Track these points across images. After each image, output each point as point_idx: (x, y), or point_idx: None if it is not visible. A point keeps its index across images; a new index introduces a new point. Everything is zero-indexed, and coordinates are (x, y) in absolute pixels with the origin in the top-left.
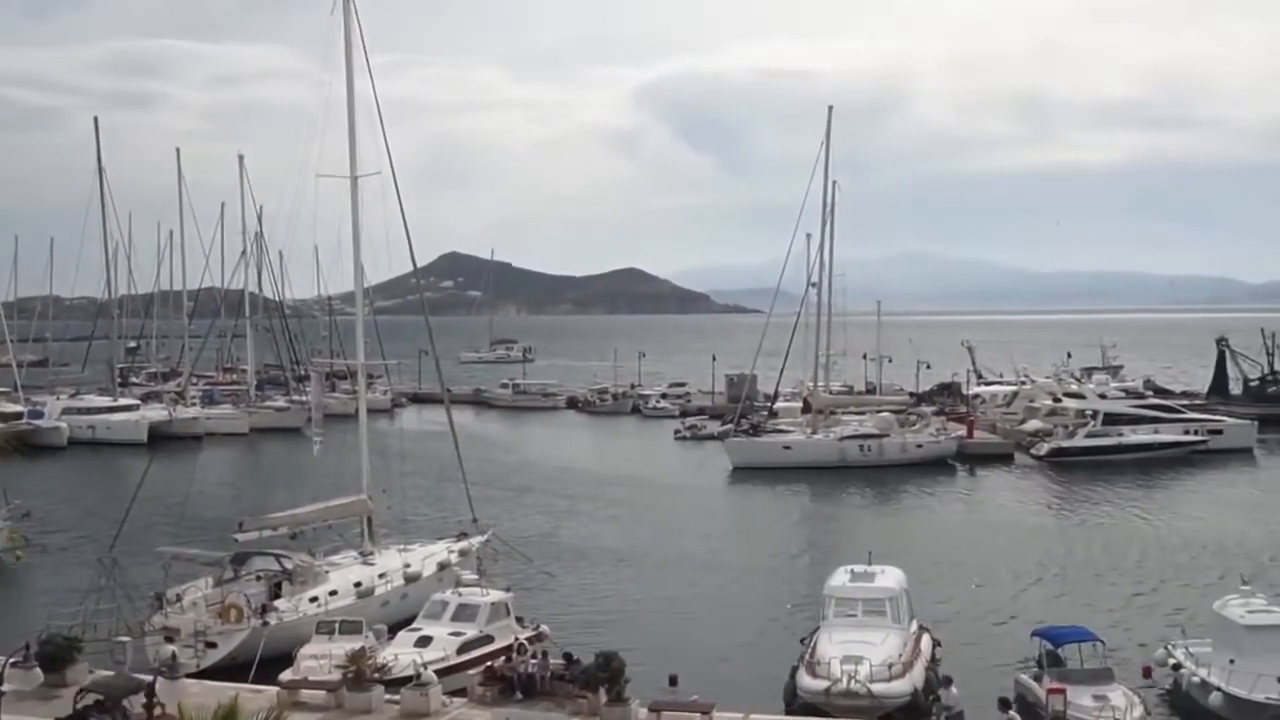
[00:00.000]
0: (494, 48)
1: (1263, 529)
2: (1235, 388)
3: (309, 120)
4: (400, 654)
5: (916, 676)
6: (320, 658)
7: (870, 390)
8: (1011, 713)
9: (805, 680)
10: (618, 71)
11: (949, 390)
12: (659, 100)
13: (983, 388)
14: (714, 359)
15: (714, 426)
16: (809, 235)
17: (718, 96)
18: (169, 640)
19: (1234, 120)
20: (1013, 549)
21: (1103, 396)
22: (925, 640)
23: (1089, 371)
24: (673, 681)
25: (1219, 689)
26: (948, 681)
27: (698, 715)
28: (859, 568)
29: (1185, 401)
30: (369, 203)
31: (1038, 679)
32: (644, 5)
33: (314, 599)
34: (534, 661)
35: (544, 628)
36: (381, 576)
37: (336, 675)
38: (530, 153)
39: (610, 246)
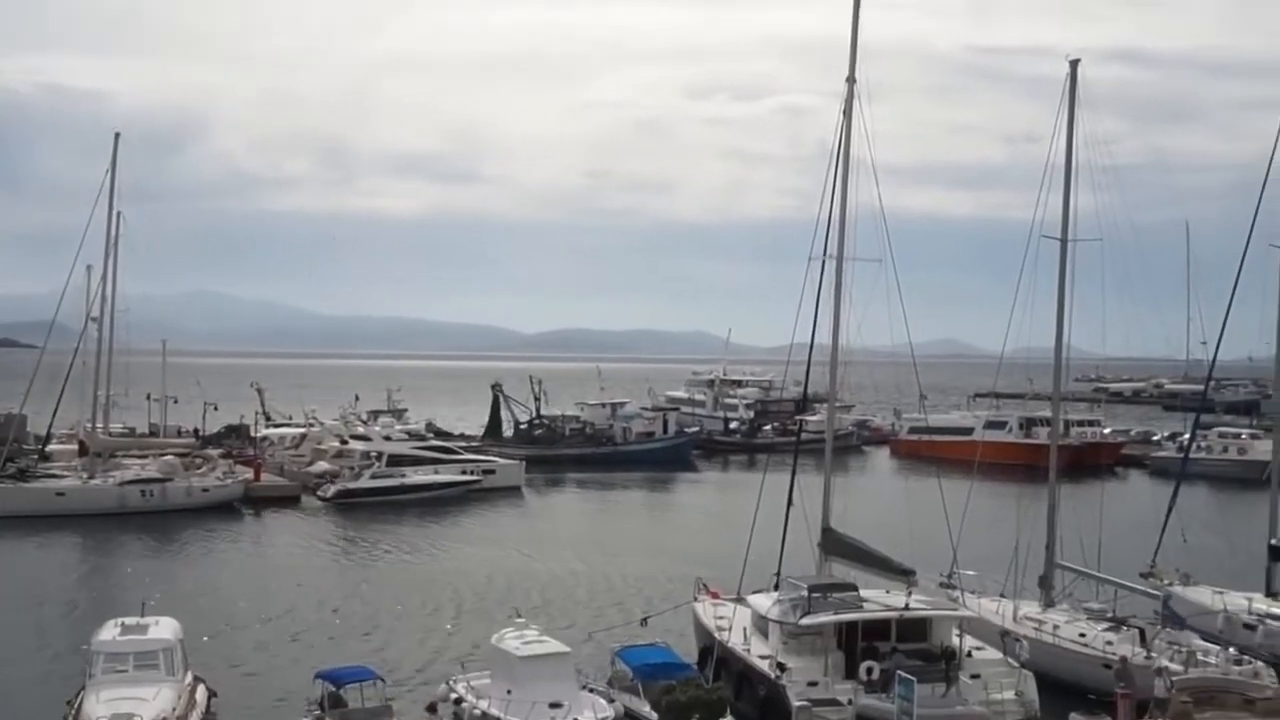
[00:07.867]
0: None
1: (533, 563)
2: (508, 430)
3: None
4: None
5: None
6: None
7: (154, 432)
8: None
9: None
10: None
11: (237, 432)
12: None
13: (271, 430)
14: None
15: None
16: (90, 267)
17: None
18: None
19: (517, 179)
20: (297, 592)
21: (387, 438)
22: (201, 691)
23: (375, 414)
24: None
25: (498, 719)
26: None
27: None
28: (130, 620)
29: (463, 443)
30: None
31: None
32: None
33: None
34: None
35: None
36: None
37: None
38: None
39: None
